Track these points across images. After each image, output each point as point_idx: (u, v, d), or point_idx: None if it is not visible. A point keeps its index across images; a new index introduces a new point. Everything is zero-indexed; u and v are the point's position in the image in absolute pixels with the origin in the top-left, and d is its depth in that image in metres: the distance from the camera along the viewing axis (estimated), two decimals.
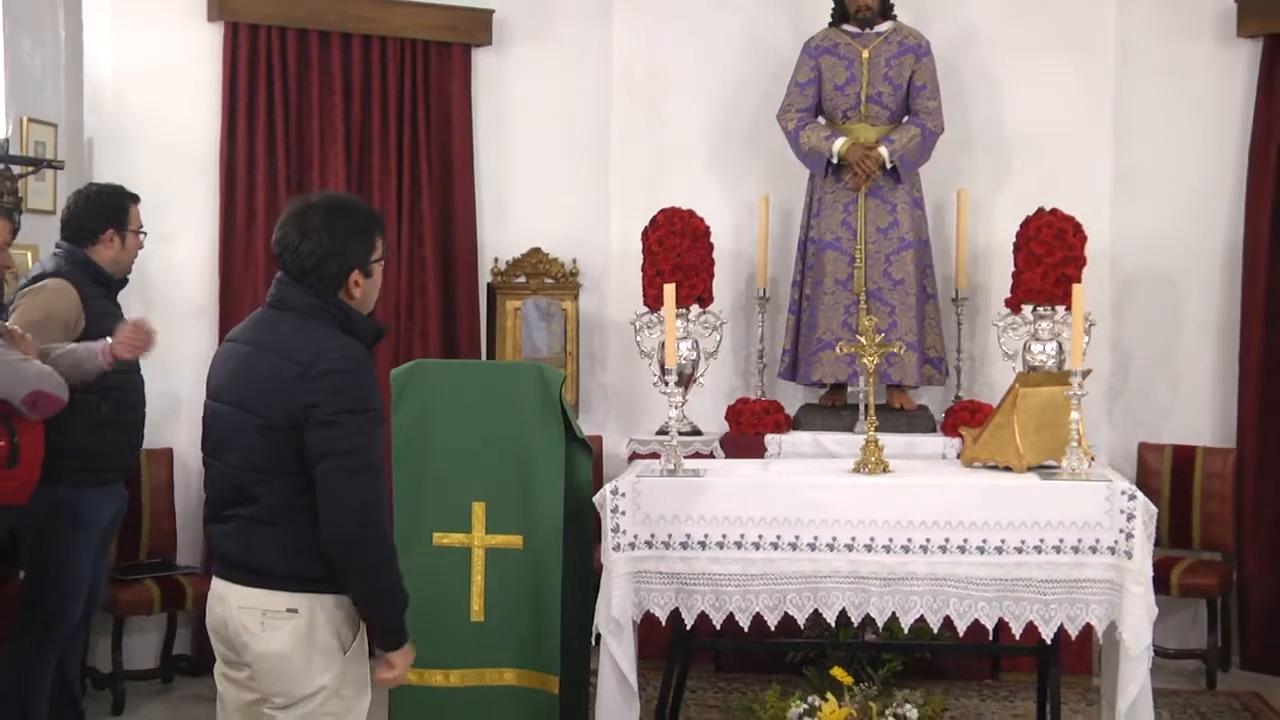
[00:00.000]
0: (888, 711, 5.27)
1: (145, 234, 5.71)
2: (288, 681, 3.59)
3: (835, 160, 7.09)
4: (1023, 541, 5.22)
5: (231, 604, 3.61)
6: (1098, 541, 5.20)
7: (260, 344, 3.65)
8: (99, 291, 5.46)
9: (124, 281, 5.65)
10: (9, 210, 5.35)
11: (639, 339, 7.08)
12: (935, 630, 5.39)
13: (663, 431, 5.85)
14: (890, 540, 5.25)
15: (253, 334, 3.71)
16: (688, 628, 5.46)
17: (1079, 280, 6.31)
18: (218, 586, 3.68)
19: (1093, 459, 5.58)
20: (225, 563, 3.66)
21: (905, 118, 7.15)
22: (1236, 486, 7.37)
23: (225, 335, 3.92)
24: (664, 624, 5.46)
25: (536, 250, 7.75)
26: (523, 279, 7.75)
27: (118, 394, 5.42)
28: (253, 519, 3.58)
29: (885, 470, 5.58)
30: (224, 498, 3.66)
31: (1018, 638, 5.40)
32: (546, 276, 7.74)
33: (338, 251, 3.64)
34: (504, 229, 7.79)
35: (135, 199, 5.65)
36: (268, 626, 3.57)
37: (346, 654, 3.66)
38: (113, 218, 5.52)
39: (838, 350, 6.60)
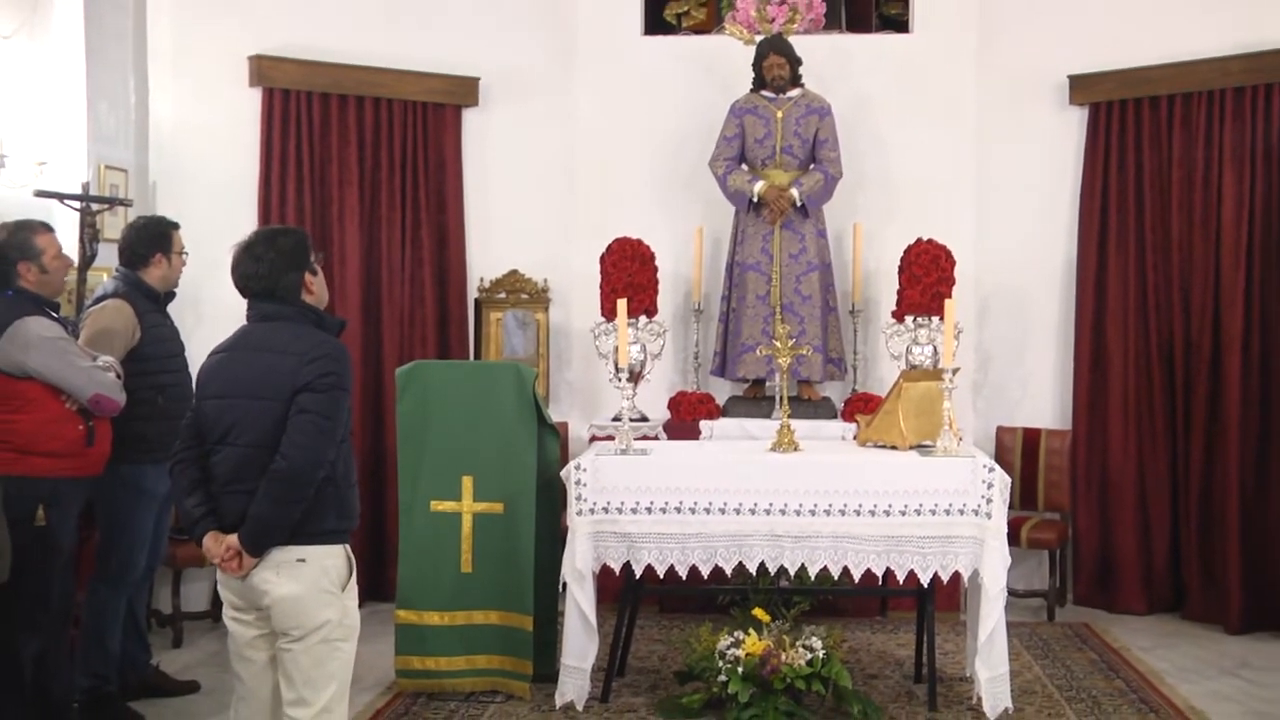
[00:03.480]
0: (798, 643, 5.25)
1: (187, 254, 5.66)
2: (300, 618, 3.61)
3: (756, 199, 7.05)
4: (905, 506, 5.28)
5: (247, 561, 3.59)
6: (964, 505, 5.27)
7: (257, 348, 3.69)
8: (151, 306, 5.42)
9: (171, 295, 5.59)
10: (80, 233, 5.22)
11: (597, 343, 7.03)
12: (835, 577, 5.41)
13: (617, 418, 5.83)
14: (800, 505, 5.30)
15: (246, 342, 3.74)
16: (637, 577, 5.48)
17: (950, 296, 6.30)
18: None
19: (960, 439, 5.62)
20: (238, 527, 3.61)
21: (812, 165, 7.11)
22: (1072, 460, 7.43)
23: (212, 349, 3.84)
24: (618, 574, 5.51)
25: (514, 272, 7.69)
26: (503, 295, 7.69)
27: (170, 389, 5.38)
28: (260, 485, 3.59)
29: (796, 449, 5.63)
30: (234, 473, 3.64)
31: (901, 583, 5.47)
32: (522, 293, 7.70)
33: (288, 264, 3.72)
34: (488, 254, 7.73)
35: (176, 226, 5.61)
36: (282, 575, 3.60)
37: (344, 591, 3.70)
38: (159, 243, 5.48)
39: (758, 352, 6.64)
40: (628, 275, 6.86)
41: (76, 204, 6.02)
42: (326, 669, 3.62)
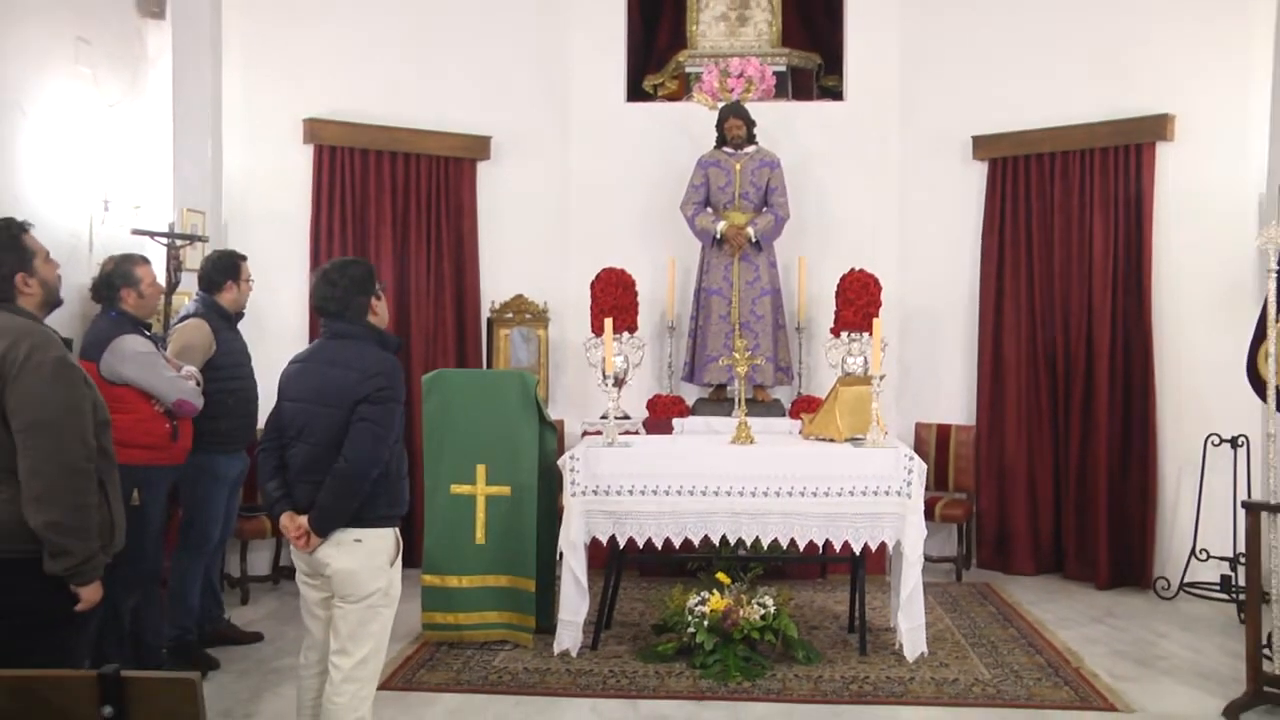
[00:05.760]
0: (753, 601, 5.28)
1: (253, 281, 5.67)
2: (355, 587, 3.59)
3: (718, 236, 7.07)
4: (841, 488, 5.29)
5: (314, 539, 3.59)
6: (889, 488, 5.28)
7: (328, 361, 3.65)
8: (225, 325, 5.43)
9: (240, 315, 5.59)
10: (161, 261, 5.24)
11: (588, 355, 7.00)
12: (784, 547, 5.42)
13: (604, 417, 5.83)
14: (755, 488, 5.31)
15: (319, 355, 3.71)
16: (621, 547, 5.47)
17: (878, 316, 6.34)
18: None
19: (886, 433, 5.64)
20: (308, 510, 3.60)
21: (764, 208, 7.13)
22: (976, 450, 7.47)
23: (292, 358, 3.83)
24: (605, 545, 5.50)
25: (520, 296, 7.68)
26: (510, 315, 7.68)
27: (238, 393, 5.41)
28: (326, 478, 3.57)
29: (752, 442, 5.63)
30: (305, 467, 3.61)
31: (837, 551, 5.44)
32: (526, 313, 7.68)
33: (357, 290, 3.71)
34: (497, 281, 7.70)
35: (244, 257, 5.60)
36: (342, 551, 3.59)
37: (391, 566, 3.67)
38: (230, 271, 5.48)
39: (720, 362, 6.69)
40: (613, 299, 6.87)
41: (164, 240, 6.03)
42: (368, 629, 3.60)
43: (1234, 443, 6.48)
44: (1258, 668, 4.68)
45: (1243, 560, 5.59)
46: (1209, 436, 6.60)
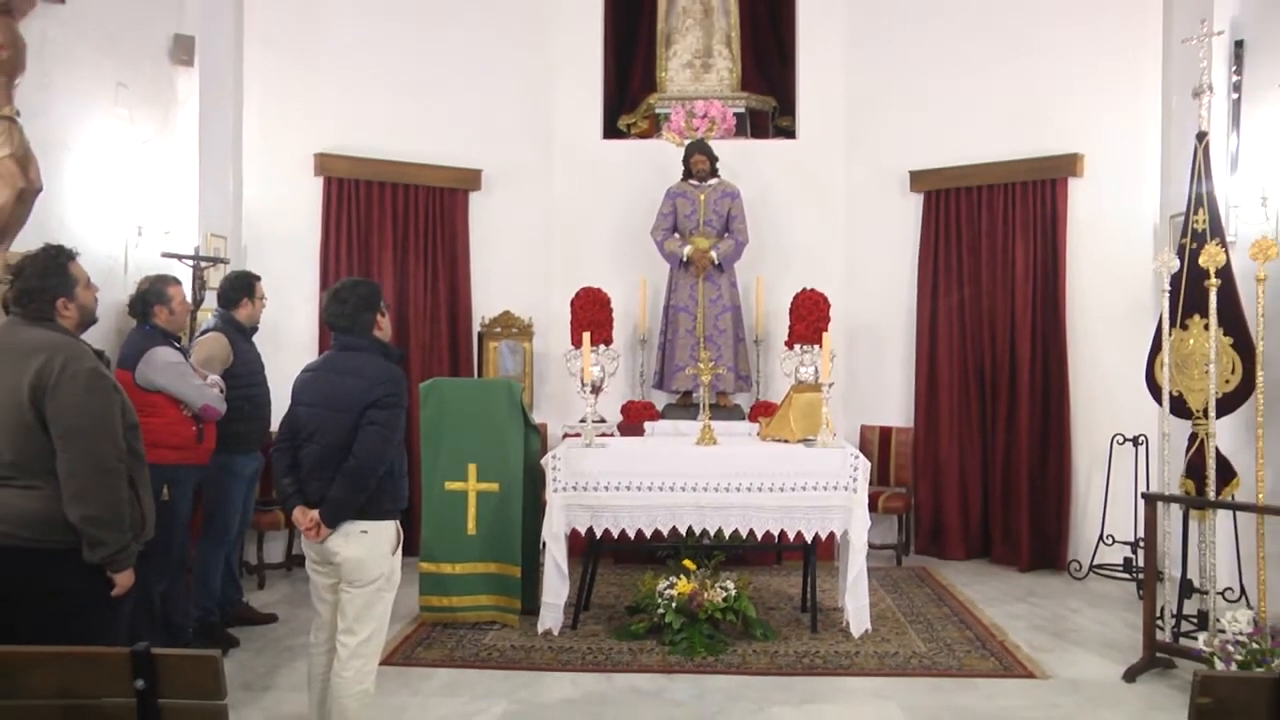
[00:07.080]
0: (716, 585, 5.30)
1: (267, 299, 5.67)
2: (360, 573, 3.59)
3: (685, 259, 7.11)
4: (794, 484, 5.32)
5: (324, 530, 3.59)
6: (837, 483, 5.31)
7: (339, 371, 3.65)
8: (241, 338, 5.43)
9: (255, 329, 5.59)
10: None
11: (568, 365, 7.06)
12: (744, 536, 5.43)
13: (583, 420, 5.85)
14: (718, 484, 5.33)
15: (330, 365, 3.71)
16: (598, 537, 5.47)
17: (827, 330, 6.38)
18: None
19: (835, 435, 5.69)
20: (319, 504, 3.60)
21: (726, 234, 7.17)
22: (914, 449, 7.53)
23: (304, 368, 3.83)
24: (583, 535, 5.50)
25: (507, 312, 7.67)
26: (499, 329, 7.66)
27: (255, 399, 5.41)
28: (337, 475, 3.56)
29: (715, 443, 5.65)
30: (316, 465, 3.61)
31: (792, 540, 5.45)
32: (513, 328, 7.67)
33: (364, 307, 3.69)
34: (487, 299, 7.70)
35: (258, 277, 5.61)
36: (350, 541, 3.58)
37: (393, 555, 3.67)
38: (246, 290, 5.49)
39: (687, 371, 6.72)
40: (591, 315, 6.92)
41: (190, 261, 6.03)
42: (373, 611, 3.61)
43: (1135, 441, 6.61)
44: (1152, 636, 4.82)
45: (1142, 544, 5.69)
46: (1114, 436, 6.73)
